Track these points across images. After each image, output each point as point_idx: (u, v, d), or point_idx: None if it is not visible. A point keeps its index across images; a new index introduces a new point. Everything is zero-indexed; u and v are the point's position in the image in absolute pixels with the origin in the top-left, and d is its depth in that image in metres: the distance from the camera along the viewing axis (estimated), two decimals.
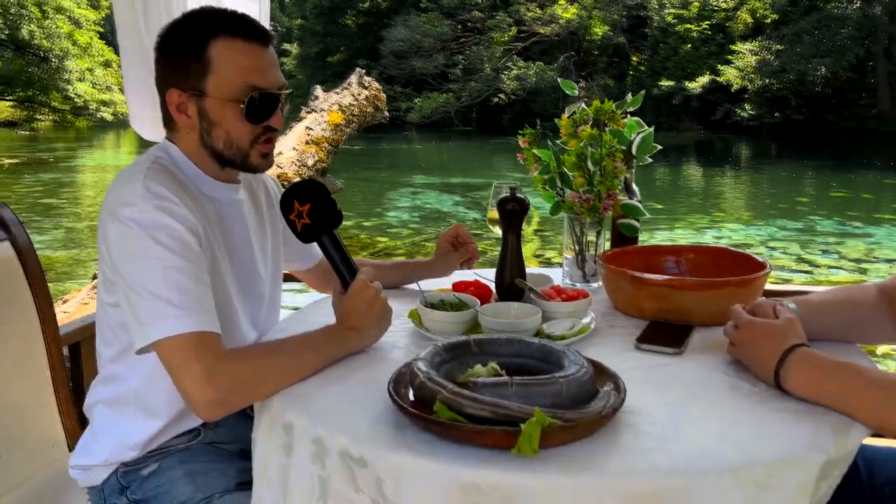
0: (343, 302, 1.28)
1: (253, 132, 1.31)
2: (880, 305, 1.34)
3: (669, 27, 27.26)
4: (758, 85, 22.86)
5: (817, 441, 0.97)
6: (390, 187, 13.74)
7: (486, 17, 30.18)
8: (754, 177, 16.11)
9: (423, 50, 30.87)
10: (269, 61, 1.32)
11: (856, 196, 12.35)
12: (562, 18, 28.92)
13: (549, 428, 0.93)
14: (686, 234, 9.16)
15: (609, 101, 1.71)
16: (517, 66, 29.40)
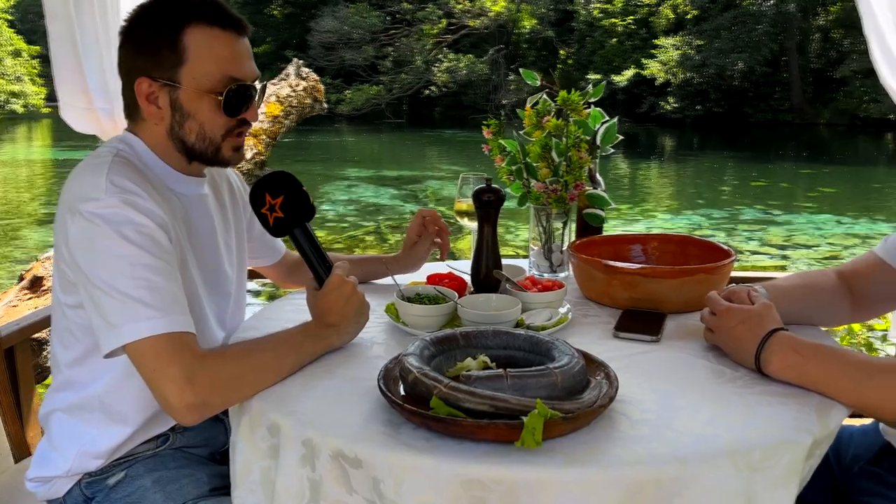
0: (320, 298, 1.24)
1: (227, 125, 1.25)
2: (839, 289, 1.39)
3: (595, 21, 27.81)
4: (680, 78, 23.61)
5: (803, 423, 1.00)
6: (324, 180, 13.54)
7: (416, 9, 30.07)
8: (679, 167, 16.65)
9: (353, 41, 30.50)
10: (245, 51, 1.26)
11: (774, 185, 12.91)
12: (491, 11, 29.10)
13: (551, 420, 0.92)
14: (618, 224, 9.38)
15: (575, 92, 1.72)
16: (448, 59, 29.43)
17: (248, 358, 1.13)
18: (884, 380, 1.03)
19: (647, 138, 22.48)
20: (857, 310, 1.40)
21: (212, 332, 1.34)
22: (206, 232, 1.35)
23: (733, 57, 22.77)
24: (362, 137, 24.73)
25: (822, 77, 22.64)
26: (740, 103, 23.70)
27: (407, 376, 1.02)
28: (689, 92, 23.83)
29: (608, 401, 0.99)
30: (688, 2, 25.56)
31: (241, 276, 1.47)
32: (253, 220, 1.53)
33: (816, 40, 23.64)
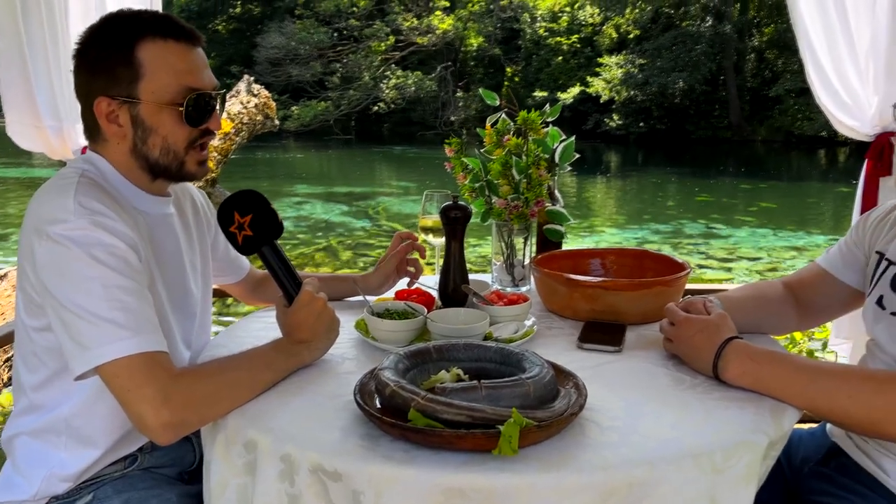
0: (290, 315, 1.25)
1: (190, 136, 1.25)
2: (787, 299, 1.48)
3: (541, 40, 28.32)
4: (624, 96, 24.20)
5: (759, 425, 1.06)
6: (273, 197, 13.14)
7: (364, 26, 30.10)
8: (625, 183, 17.03)
9: (300, 57, 30.32)
10: (201, 61, 1.27)
11: (717, 200, 13.32)
12: (438, 29, 29.35)
13: (526, 428, 0.96)
14: (569, 239, 9.53)
15: (535, 111, 1.78)
16: (396, 76, 29.51)
17: (223, 375, 1.14)
18: (830, 383, 1.10)
19: (592, 155, 22.94)
20: (803, 318, 1.48)
21: (178, 352, 1.34)
22: (172, 251, 1.35)
23: (674, 76, 23.48)
24: (310, 154, 24.55)
25: (758, 96, 23.54)
26: (682, 121, 24.41)
27: (384, 389, 1.04)
28: (632, 109, 24.44)
29: (578, 409, 1.03)
30: (630, 22, 26.29)
31: (206, 295, 1.47)
32: (217, 239, 1.53)
33: (752, 60, 24.60)
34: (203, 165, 1.32)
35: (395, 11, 30.41)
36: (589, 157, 22.66)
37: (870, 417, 1.07)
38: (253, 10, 37.04)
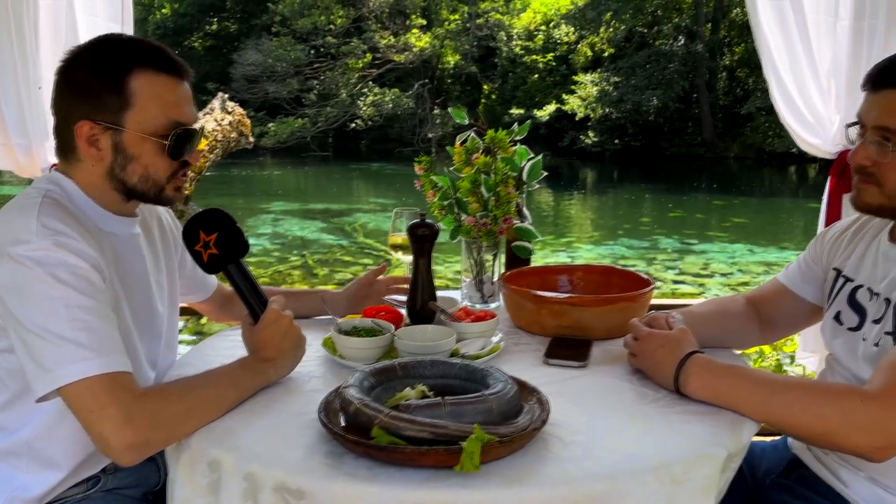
0: (256, 333, 1.25)
1: (171, 168, 1.26)
2: (749, 314, 1.51)
3: (517, 58, 28.61)
4: (599, 114, 24.48)
5: (718, 438, 1.08)
6: (249, 214, 13.32)
7: (341, 44, 30.20)
8: (600, 199, 17.20)
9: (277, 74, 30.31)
10: (188, 96, 1.28)
11: (690, 216, 13.50)
12: (415, 47, 29.53)
13: (488, 444, 0.96)
14: (544, 255, 9.60)
15: (502, 130, 1.80)
16: (373, 93, 29.61)
17: (189, 394, 1.13)
18: (786, 396, 1.12)
19: (568, 171, 23.16)
20: (764, 332, 1.51)
21: (144, 373, 1.33)
22: (138, 271, 1.35)
23: (648, 93, 23.82)
24: (287, 171, 24.50)
25: (730, 113, 23.94)
26: (656, 137, 24.74)
27: (348, 407, 1.05)
28: (607, 126, 24.72)
29: (541, 424, 1.05)
30: (604, 40, 26.66)
31: (172, 315, 1.46)
32: (184, 258, 1.53)
33: (723, 79, 25.05)
34: (180, 191, 1.32)
35: (372, 29, 30.55)
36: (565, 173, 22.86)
37: (824, 429, 1.09)
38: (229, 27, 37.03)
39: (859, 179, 1.24)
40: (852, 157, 1.23)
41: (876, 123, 1.19)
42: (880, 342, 1.21)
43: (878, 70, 1.21)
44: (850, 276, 1.35)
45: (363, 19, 31.00)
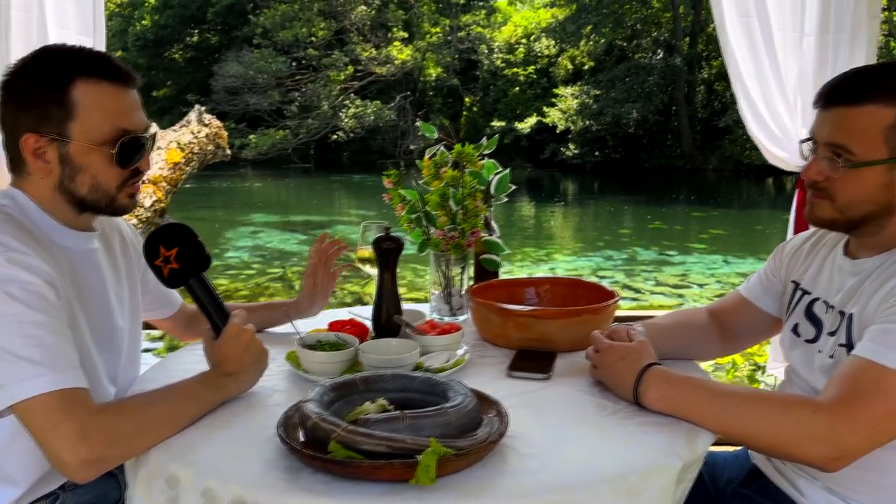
0: (218, 347, 1.25)
1: (121, 176, 1.26)
2: (710, 326, 1.53)
3: (498, 71, 28.80)
4: (579, 126, 24.67)
5: (674, 449, 1.09)
6: (228, 227, 13.26)
7: (322, 56, 30.22)
8: (581, 211, 17.31)
9: (258, 86, 30.24)
10: (134, 103, 1.27)
11: (669, 228, 13.62)
12: (397, 59, 29.62)
13: (444, 457, 0.97)
14: (525, 266, 9.63)
15: (469, 145, 1.82)
16: (354, 105, 29.62)
17: (146, 410, 1.13)
18: (741, 408, 1.14)
19: (550, 183, 23.29)
20: (726, 344, 1.53)
21: (103, 389, 1.32)
22: (96, 287, 1.33)
23: (627, 106, 24.04)
24: (268, 182, 24.42)
25: (709, 126, 24.21)
26: (636, 150, 24.95)
27: (306, 422, 1.05)
28: (588, 139, 24.91)
29: (498, 437, 1.05)
30: (584, 54, 26.92)
31: (134, 330, 1.45)
32: (147, 273, 1.52)
33: (702, 92, 25.34)
34: (133, 199, 1.32)
35: (354, 41, 30.61)
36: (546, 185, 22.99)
37: (777, 440, 1.11)
38: (210, 38, 36.92)
39: (812, 194, 1.27)
40: (805, 173, 1.26)
41: (827, 140, 1.22)
42: (835, 354, 1.23)
43: (829, 88, 1.24)
44: (808, 288, 1.38)
45: (345, 32, 31.05)
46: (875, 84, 1.19)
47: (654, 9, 26.21)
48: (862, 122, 1.18)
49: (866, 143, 1.18)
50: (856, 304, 1.22)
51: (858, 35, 2.42)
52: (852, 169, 1.19)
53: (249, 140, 29.68)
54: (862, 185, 1.20)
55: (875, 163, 1.18)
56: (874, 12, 2.42)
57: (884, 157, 1.18)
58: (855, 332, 1.20)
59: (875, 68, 1.26)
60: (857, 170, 1.19)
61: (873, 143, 1.18)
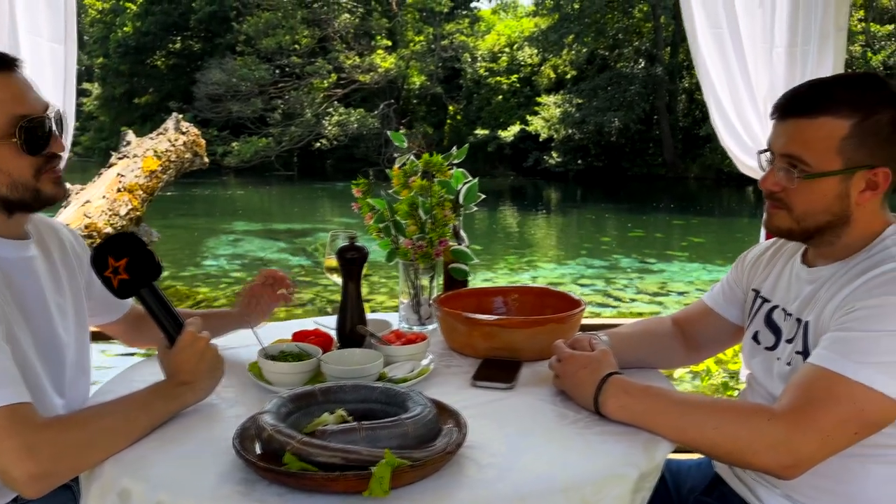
0: (172, 356, 1.23)
1: (35, 164, 1.23)
2: (674, 334, 1.54)
3: (482, 79, 28.91)
4: (562, 134, 24.80)
5: (630, 458, 1.10)
6: (209, 234, 13.17)
7: (306, 63, 30.17)
8: (563, 219, 17.38)
9: (241, 94, 30.14)
10: (24, 85, 1.24)
11: (650, 236, 13.71)
12: (381, 67, 29.64)
13: (399, 468, 0.97)
14: (505, 274, 9.65)
15: (437, 154, 1.82)
16: (338, 113, 29.59)
17: (95, 422, 1.11)
18: (699, 416, 1.15)
19: (533, 191, 23.38)
20: (690, 352, 1.54)
21: (49, 402, 1.29)
22: (35, 296, 1.31)
23: (610, 115, 24.21)
24: (250, 190, 24.31)
25: (690, 134, 24.45)
26: (618, 158, 25.13)
27: (261, 434, 1.04)
28: (570, 147, 25.04)
29: (455, 447, 1.05)
30: (567, 62, 27.10)
31: (81, 340, 1.42)
32: (92, 279, 1.46)
33: (683, 101, 25.59)
34: (60, 185, 1.28)
35: (338, 49, 30.61)
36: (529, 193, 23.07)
37: (734, 448, 1.11)
38: (193, 45, 36.76)
39: (770, 204, 1.29)
40: (762, 183, 1.28)
41: (783, 151, 1.23)
42: (792, 361, 1.25)
43: (784, 100, 1.26)
44: (767, 296, 1.39)
45: (328, 39, 31.04)
46: (829, 96, 1.20)
47: (636, 19, 26.46)
48: (816, 133, 1.20)
49: (821, 155, 1.19)
50: (811, 312, 1.23)
51: (826, 47, 2.46)
52: (807, 180, 1.21)
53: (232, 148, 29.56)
54: (817, 196, 1.21)
55: (829, 174, 1.19)
56: (841, 24, 2.47)
57: (838, 168, 1.19)
58: (811, 340, 1.21)
59: (829, 80, 1.28)
60: (813, 181, 1.20)
61: (827, 154, 1.19)
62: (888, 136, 1.18)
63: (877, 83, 1.22)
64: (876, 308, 1.11)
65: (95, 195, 4.50)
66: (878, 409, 1.08)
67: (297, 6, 30.71)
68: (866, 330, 1.10)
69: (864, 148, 1.18)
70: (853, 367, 1.08)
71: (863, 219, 1.22)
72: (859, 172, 1.19)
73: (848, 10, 2.49)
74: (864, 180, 1.20)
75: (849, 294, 1.16)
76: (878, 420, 1.09)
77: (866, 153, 1.18)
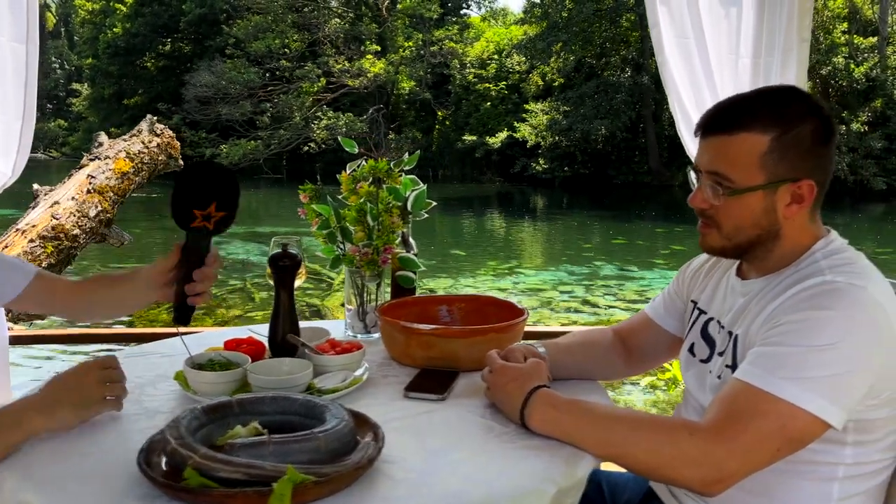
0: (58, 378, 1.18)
1: None
2: (615, 345, 1.52)
3: (471, 85, 28.97)
4: (549, 141, 24.87)
5: (549, 473, 1.07)
6: None
7: (295, 67, 30.13)
8: (548, 225, 17.41)
9: (230, 96, 30.07)
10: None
11: (632, 243, 13.75)
12: (370, 72, 29.62)
13: (302, 485, 0.94)
14: (487, 280, 9.63)
15: (384, 160, 1.80)
16: (327, 117, 29.55)
17: None
18: (621, 431, 1.13)
19: (520, 197, 23.42)
20: (630, 364, 1.52)
21: None
22: None
23: (596, 123, 24.31)
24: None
25: (675, 143, 24.35)
26: (604, 166, 25.22)
27: (166, 447, 1.01)
28: (557, 154, 25.12)
29: (368, 462, 1.02)
30: (555, 70, 27.18)
31: None
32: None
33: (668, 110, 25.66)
34: None
35: (327, 54, 30.59)
36: (517, 199, 23.10)
37: (656, 462, 1.09)
38: (183, 48, 36.65)
39: (701, 224, 1.27)
40: (691, 202, 1.26)
41: (708, 168, 1.22)
42: (722, 375, 1.23)
43: (706, 117, 1.24)
44: (704, 308, 1.38)
45: (318, 44, 31.01)
46: (749, 112, 1.19)
47: (623, 28, 26.59)
48: (738, 149, 1.18)
49: (743, 171, 1.18)
50: (741, 325, 1.22)
51: (789, 58, 2.46)
52: (732, 196, 1.19)
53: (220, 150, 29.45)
54: (744, 211, 1.20)
55: (753, 189, 1.18)
56: (804, 36, 2.47)
57: (761, 183, 1.18)
58: (739, 353, 1.19)
59: (750, 96, 1.26)
60: (738, 197, 1.19)
61: (750, 169, 1.18)
62: (809, 147, 1.17)
63: (798, 96, 1.21)
64: (801, 322, 1.09)
65: (64, 196, 4.44)
66: (801, 425, 1.06)
67: (287, 10, 30.67)
68: (791, 345, 1.08)
69: (785, 161, 1.17)
70: (777, 383, 1.06)
71: (792, 232, 1.21)
72: (783, 186, 1.18)
73: (811, 23, 2.50)
74: (789, 193, 1.18)
75: (776, 308, 1.14)
76: (800, 437, 1.07)
77: (788, 166, 1.17)
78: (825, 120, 1.20)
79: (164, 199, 8.89)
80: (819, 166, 1.19)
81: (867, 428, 1.14)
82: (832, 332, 1.07)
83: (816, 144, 1.18)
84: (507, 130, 26.18)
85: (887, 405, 1.13)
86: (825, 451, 1.14)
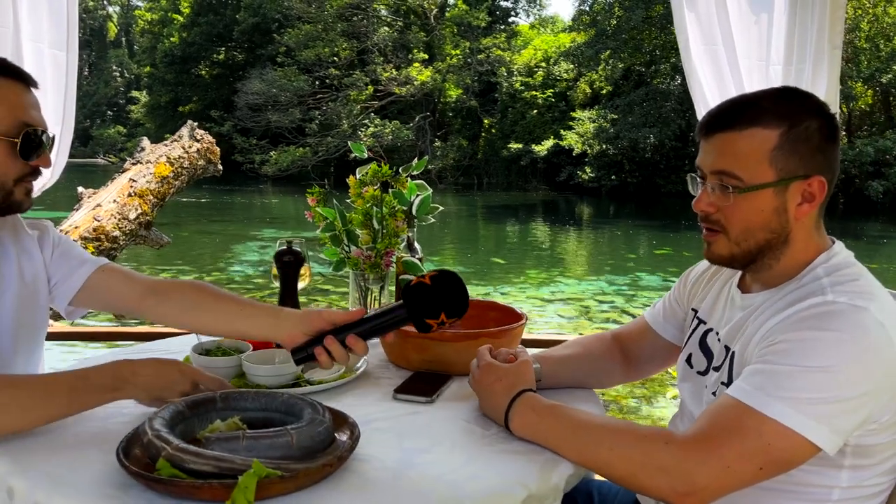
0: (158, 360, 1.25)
1: (22, 170, 1.29)
2: (613, 352, 1.49)
3: (517, 93, 28.91)
4: (596, 150, 24.63)
5: (522, 477, 1.06)
6: (237, 240, 13.38)
7: (344, 75, 30.57)
8: (593, 235, 17.22)
9: (280, 104, 30.68)
10: (36, 102, 1.32)
11: (677, 253, 13.49)
12: (417, 80, 29.86)
13: (267, 479, 0.95)
14: (524, 288, 9.59)
15: (386, 165, 1.82)
16: (374, 124, 29.87)
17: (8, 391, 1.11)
18: (597, 438, 1.11)
19: (565, 206, 23.24)
20: (628, 371, 1.50)
21: None
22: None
23: (645, 131, 23.97)
24: (286, 199, 24.64)
25: None
26: (653, 174, 24.83)
27: (143, 437, 1.04)
28: (604, 162, 24.85)
29: (336, 461, 1.03)
30: (603, 78, 26.94)
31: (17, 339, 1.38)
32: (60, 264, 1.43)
33: None
34: (30, 196, 1.34)
35: (375, 62, 30.95)
36: (562, 208, 22.93)
37: (628, 471, 1.07)
38: (236, 56, 37.57)
39: (707, 232, 1.22)
40: (696, 206, 1.21)
41: (713, 168, 1.18)
42: (717, 391, 1.19)
43: (708, 117, 1.21)
44: (704, 318, 1.34)
45: (367, 52, 31.41)
46: (755, 107, 1.16)
47: (674, 35, 26.06)
48: (745, 145, 1.14)
49: (752, 167, 1.14)
50: (738, 342, 1.18)
51: (820, 65, 2.41)
52: (741, 195, 1.15)
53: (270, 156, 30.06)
54: (754, 212, 1.15)
55: (763, 186, 1.14)
56: (836, 43, 2.42)
57: (771, 180, 1.13)
58: (735, 371, 1.16)
59: (755, 95, 1.23)
60: (747, 195, 1.15)
61: (759, 166, 1.14)
62: (818, 144, 1.14)
63: (800, 94, 1.18)
64: (798, 343, 1.05)
65: (106, 200, 4.60)
66: (786, 445, 1.02)
67: (337, 19, 31.17)
68: (785, 364, 1.04)
69: (795, 156, 1.13)
70: (766, 401, 1.02)
71: (800, 239, 1.17)
72: (794, 183, 1.14)
73: (843, 30, 2.44)
74: (800, 192, 1.14)
75: (774, 326, 1.10)
76: (787, 457, 1.03)
77: (798, 162, 1.13)
78: (830, 118, 1.16)
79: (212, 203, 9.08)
80: (828, 164, 1.15)
81: (866, 452, 1.10)
82: (829, 355, 1.03)
83: (824, 141, 1.14)
84: (554, 138, 26.03)
85: (888, 430, 1.09)
86: (819, 473, 1.10)
